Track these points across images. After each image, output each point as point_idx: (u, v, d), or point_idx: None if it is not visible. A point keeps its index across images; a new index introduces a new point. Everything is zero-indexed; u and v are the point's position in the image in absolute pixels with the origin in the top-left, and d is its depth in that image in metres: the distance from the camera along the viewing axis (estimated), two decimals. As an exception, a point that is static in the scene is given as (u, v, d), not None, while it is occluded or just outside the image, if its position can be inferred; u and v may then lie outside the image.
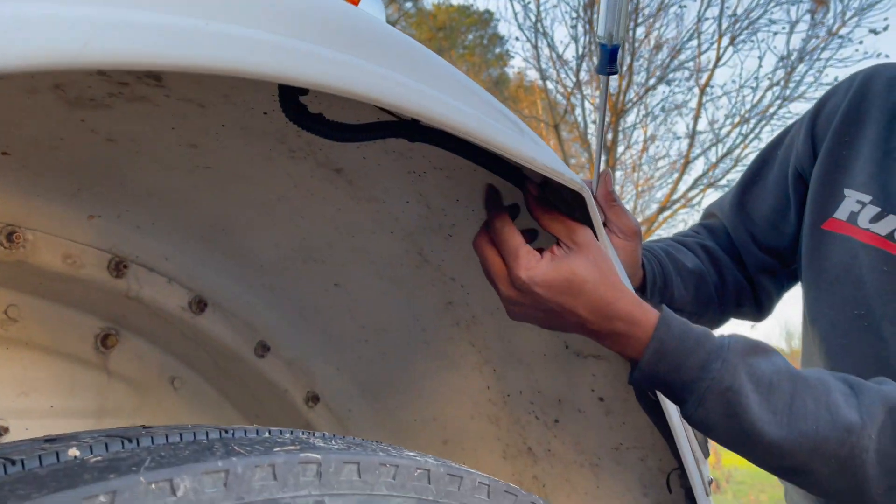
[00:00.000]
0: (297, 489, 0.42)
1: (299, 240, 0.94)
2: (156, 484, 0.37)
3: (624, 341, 0.75)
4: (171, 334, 1.00)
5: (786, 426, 0.70)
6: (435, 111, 0.53)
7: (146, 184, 0.83)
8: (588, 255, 0.73)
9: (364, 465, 0.46)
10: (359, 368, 1.13)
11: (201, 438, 0.44)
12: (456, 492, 0.51)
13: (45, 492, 0.34)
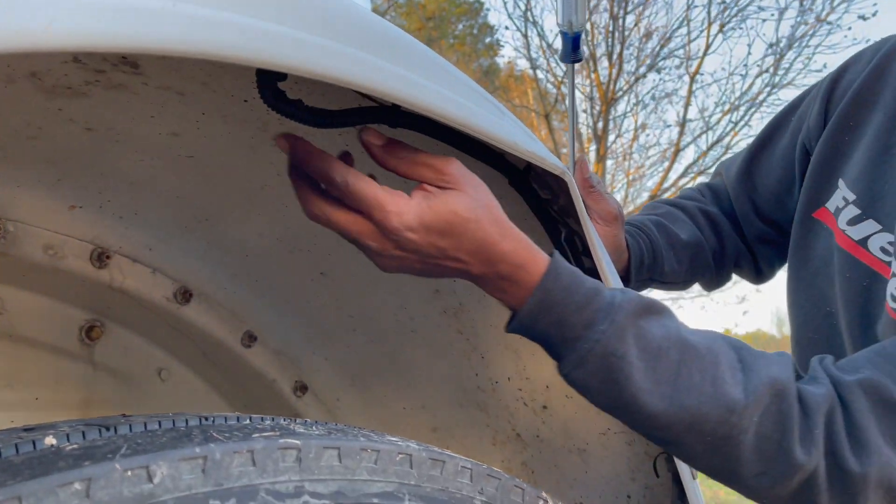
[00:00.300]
0: (276, 475, 0.42)
1: (284, 228, 0.93)
2: (132, 471, 0.37)
3: (507, 287, 0.67)
4: (156, 325, 0.99)
5: (668, 398, 0.66)
6: (414, 95, 0.52)
7: (128, 173, 0.82)
8: (467, 190, 0.64)
9: (345, 451, 0.46)
10: (347, 357, 1.13)
11: (180, 426, 0.44)
12: (438, 476, 0.51)
13: (20, 479, 0.34)
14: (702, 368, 0.66)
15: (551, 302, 0.66)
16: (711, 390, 0.66)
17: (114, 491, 0.36)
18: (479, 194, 0.65)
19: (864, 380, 0.69)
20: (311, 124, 0.61)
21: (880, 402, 0.68)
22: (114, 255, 0.87)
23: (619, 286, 0.80)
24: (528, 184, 0.74)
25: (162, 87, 0.67)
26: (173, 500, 0.38)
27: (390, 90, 0.51)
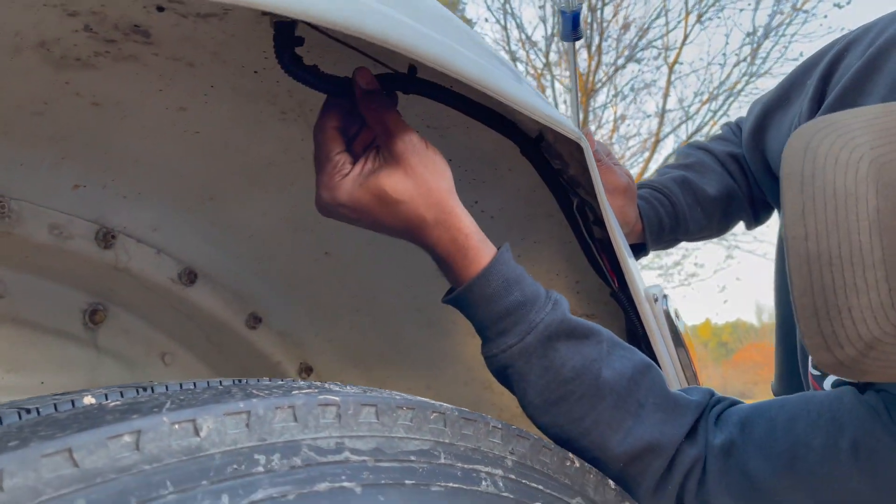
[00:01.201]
0: (317, 431, 0.42)
1: (288, 207, 0.93)
2: (179, 424, 0.36)
3: (444, 270, 0.71)
4: (160, 308, 0.98)
5: (551, 420, 0.70)
6: (440, 55, 0.52)
7: (133, 151, 0.81)
8: (406, 170, 0.65)
9: (381, 408, 0.46)
10: (350, 338, 1.12)
11: (216, 385, 0.43)
12: (471, 435, 0.51)
13: (69, 432, 0.33)
14: (592, 406, 0.69)
15: (473, 303, 0.69)
16: (592, 429, 0.69)
17: (162, 444, 0.36)
18: (423, 175, 0.66)
19: (727, 443, 0.73)
20: (326, 91, 0.61)
21: (734, 468, 0.72)
22: (119, 235, 0.86)
23: (629, 256, 0.81)
24: (540, 153, 0.74)
25: (172, 58, 0.66)
26: (220, 454, 0.37)
27: (416, 48, 0.51)
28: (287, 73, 0.59)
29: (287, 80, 0.71)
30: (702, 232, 1.18)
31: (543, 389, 0.68)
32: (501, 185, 0.85)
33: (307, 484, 0.39)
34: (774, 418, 0.73)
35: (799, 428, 0.71)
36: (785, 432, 0.71)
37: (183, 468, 0.36)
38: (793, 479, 0.70)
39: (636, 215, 1.09)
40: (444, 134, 0.78)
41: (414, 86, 0.64)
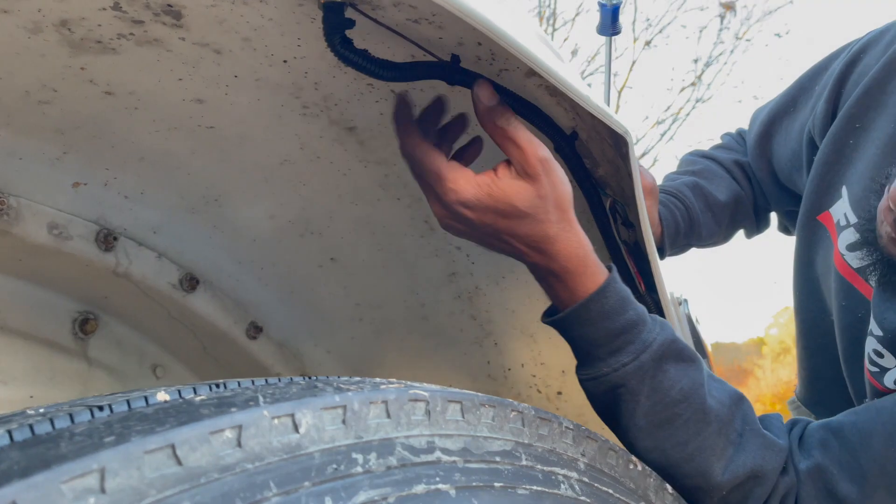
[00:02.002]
0: (409, 428, 0.38)
1: (298, 210, 0.89)
2: (278, 419, 0.33)
3: (554, 284, 0.69)
4: (155, 316, 0.92)
5: (656, 441, 0.69)
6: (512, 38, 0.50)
7: (140, 146, 0.76)
8: (538, 187, 0.64)
9: (466, 405, 0.42)
10: (351, 349, 1.08)
11: (298, 380, 0.39)
12: (547, 435, 0.48)
13: (168, 426, 0.29)
14: (698, 431, 0.69)
15: (589, 320, 0.68)
16: (696, 455, 0.69)
17: (264, 440, 0.32)
18: (552, 190, 0.65)
19: (813, 468, 0.73)
20: (375, 75, 0.58)
21: (824, 491, 0.72)
22: (120, 237, 0.81)
23: (657, 259, 0.80)
24: (574, 150, 0.73)
25: (200, 44, 0.62)
26: (319, 452, 0.34)
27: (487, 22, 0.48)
28: (337, 56, 0.56)
29: (314, 72, 0.69)
30: (712, 238, 1.18)
31: (650, 411, 0.67)
32: (525, 186, 0.82)
33: (405, 486, 0.36)
34: (849, 437, 0.72)
35: (876, 444, 0.70)
36: (864, 450, 0.71)
37: (285, 468, 0.32)
38: (883, 494, 0.70)
39: (657, 218, 1.08)
40: (471, 131, 0.76)
41: (458, 75, 0.62)
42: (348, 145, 0.79)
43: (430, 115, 0.69)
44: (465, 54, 0.63)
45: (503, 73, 0.65)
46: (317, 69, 0.67)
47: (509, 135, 0.63)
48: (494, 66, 0.65)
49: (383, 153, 0.80)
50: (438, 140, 0.70)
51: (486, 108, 0.63)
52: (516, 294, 0.97)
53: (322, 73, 0.68)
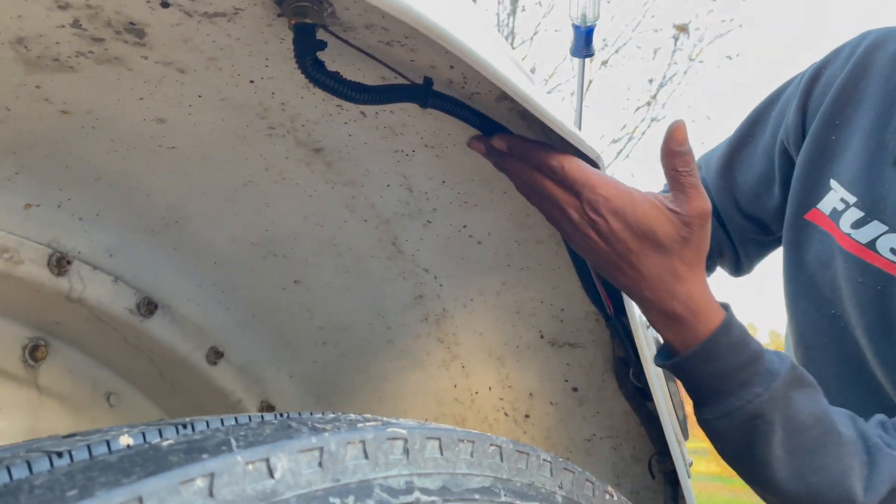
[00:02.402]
0: (388, 469, 0.37)
1: (261, 232, 0.86)
2: (252, 464, 0.31)
3: (673, 325, 0.69)
4: (110, 342, 0.89)
5: (796, 471, 0.70)
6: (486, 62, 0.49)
7: (96, 167, 0.73)
8: (686, 234, 0.66)
9: (445, 442, 0.41)
10: (314, 374, 1.06)
11: (271, 419, 0.37)
12: (525, 469, 0.47)
13: (135, 477, 0.27)
14: (837, 454, 0.70)
15: (716, 355, 0.69)
16: (839, 478, 0.69)
17: (237, 488, 0.30)
18: (698, 240, 0.67)
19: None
20: (347, 98, 0.57)
21: None
22: (73, 260, 0.77)
23: None
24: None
25: (163, 63, 0.60)
26: (295, 497, 0.32)
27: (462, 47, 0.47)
28: (308, 78, 0.54)
29: (282, 92, 0.67)
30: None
31: (786, 439, 0.68)
32: (494, 208, 0.82)
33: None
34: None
35: None
36: None
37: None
38: None
39: None
40: (442, 154, 0.75)
41: (431, 98, 0.61)
42: (315, 166, 0.78)
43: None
44: (437, 77, 0.63)
45: (475, 97, 0.65)
46: (284, 89, 0.66)
47: (686, 181, 0.66)
48: (466, 89, 0.64)
49: (351, 174, 0.79)
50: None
51: (674, 152, 0.66)
52: (484, 317, 0.96)
53: (290, 93, 0.67)
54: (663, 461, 0.93)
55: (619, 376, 0.90)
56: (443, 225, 0.85)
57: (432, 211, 0.84)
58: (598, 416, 0.99)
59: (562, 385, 0.98)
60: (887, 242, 0.91)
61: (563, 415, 1.01)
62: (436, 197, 0.82)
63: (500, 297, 0.93)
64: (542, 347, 0.96)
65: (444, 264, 0.91)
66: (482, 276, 0.91)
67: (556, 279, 0.89)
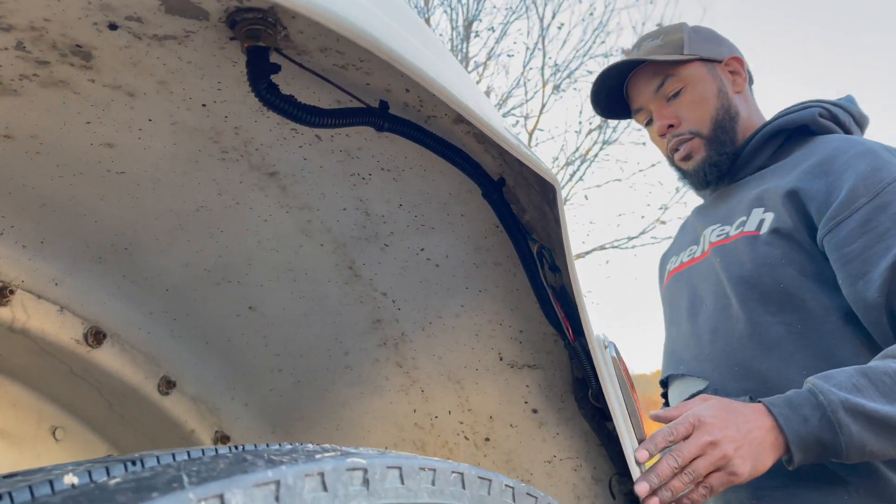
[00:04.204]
0: (347, 500, 0.36)
1: (214, 257, 0.85)
2: (206, 501, 0.30)
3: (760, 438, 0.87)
4: (55, 374, 0.86)
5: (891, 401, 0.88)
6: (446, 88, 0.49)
7: (41, 193, 0.71)
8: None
9: (406, 470, 0.40)
10: (270, 402, 1.03)
11: (225, 452, 0.36)
12: (486, 496, 0.46)
13: (80, 520, 0.26)
14: (888, 373, 0.91)
15: (805, 436, 0.87)
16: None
17: (191, 528, 0.29)
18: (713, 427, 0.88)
19: None
20: (302, 122, 0.56)
21: None
22: (16, 290, 0.74)
23: (584, 304, 0.80)
24: (502, 196, 0.72)
25: (111, 86, 0.59)
26: (251, 536, 0.31)
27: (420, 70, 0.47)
28: (262, 102, 0.53)
29: (235, 116, 0.66)
30: None
31: (862, 397, 0.89)
32: (451, 231, 0.82)
33: (344, 565, 0.33)
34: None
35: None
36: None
37: (213, 557, 0.29)
38: None
39: None
40: (399, 177, 0.75)
41: (387, 122, 0.61)
42: (269, 190, 0.76)
43: None
44: (393, 100, 0.62)
45: (431, 120, 0.65)
46: (238, 113, 0.65)
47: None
48: (423, 112, 0.64)
49: (306, 198, 0.78)
50: None
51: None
52: (443, 340, 0.95)
53: (243, 117, 0.66)
54: (623, 481, 0.94)
55: (579, 397, 0.90)
56: (400, 248, 0.85)
57: (389, 234, 0.83)
58: (559, 437, 0.99)
59: (522, 407, 0.98)
60: None
61: (523, 437, 1.01)
62: (393, 220, 0.81)
63: (459, 319, 0.93)
64: (502, 370, 0.96)
65: (402, 288, 0.90)
66: (440, 298, 0.91)
67: (514, 301, 0.89)
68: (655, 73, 1.28)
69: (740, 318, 1.11)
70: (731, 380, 1.11)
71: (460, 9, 11.00)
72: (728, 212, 1.23)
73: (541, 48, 11.41)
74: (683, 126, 1.26)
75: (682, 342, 1.24)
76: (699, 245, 1.28)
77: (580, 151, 11.74)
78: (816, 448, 0.89)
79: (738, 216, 1.19)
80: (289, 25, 0.53)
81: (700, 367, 1.18)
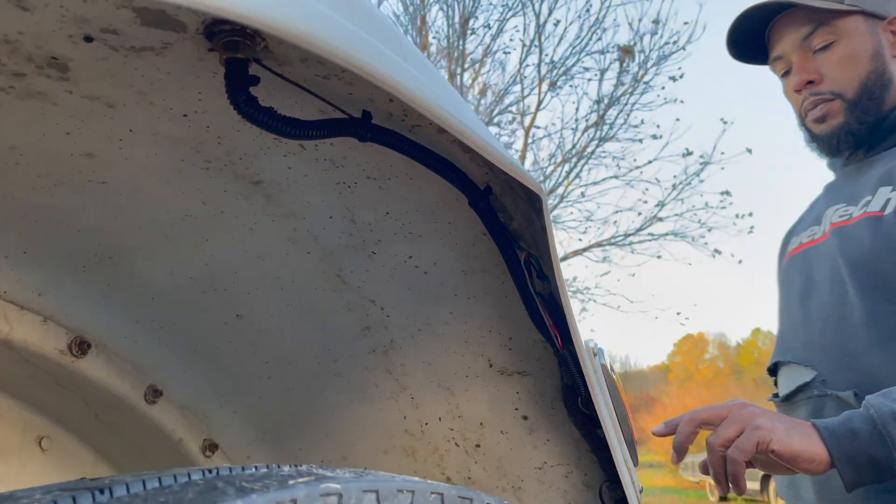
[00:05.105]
0: (322, 528, 0.35)
1: (201, 266, 0.84)
2: (172, 536, 0.29)
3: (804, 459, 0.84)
4: (40, 385, 0.85)
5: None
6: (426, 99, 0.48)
7: (22, 203, 0.70)
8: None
9: (383, 494, 0.39)
10: (259, 409, 1.03)
11: (198, 478, 0.35)
12: (468, 516, 0.46)
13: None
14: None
15: (853, 457, 0.83)
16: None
17: (155, 564, 0.28)
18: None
19: None
20: (283, 134, 0.55)
21: None
22: (-2, 301, 0.74)
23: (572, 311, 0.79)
24: (488, 204, 0.72)
25: (89, 97, 0.58)
26: (220, 569, 0.30)
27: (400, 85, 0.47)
28: (241, 115, 0.52)
29: (217, 126, 0.65)
30: None
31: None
32: (439, 238, 0.81)
33: None
34: None
35: None
36: None
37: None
38: None
39: None
40: (384, 185, 0.74)
41: (370, 132, 0.60)
42: (254, 199, 0.76)
43: None
44: (376, 110, 0.62)
45: (416, 129, 0.64)
46: (220, 123, 0.64)
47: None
48: (407, 121, 0.63)
49: (292, 207, 0.77)
50: None
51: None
52: (432, 347, 0.95)
53: (226, 126, 0.65)
54: (614, 488, 0.93)
55: (568, 404, 0.90)
56: (388, 256, 0.84)
57: (377, 242, 0.82)
58: (549, 443, 0.98)
59: (512, 413, 0.97)
60: None
61: (514, 443, 1.00)
62: (380, 228, 0.80)
63: (449, 326, 0.92)
64: (492, 376, 0.95)
65: (391, 295, 0.89)
66: (429, 305, 0.90)
67: (503, 308, 0.88)
68: (806, 20, 1.15)
69: (856, 306, 1.04)
70: (839, 371, 1.05)
71: (456, 6, 10.99)
72: (855, 190, 1.14)
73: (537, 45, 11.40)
74: (825, 84, 1.15)
75: (792, 328, 1.19)
76: (820, 226, 1.20)
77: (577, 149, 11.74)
78: (869, 466, 0.82)
79: (863, 195, 1.10)
80: (268, 37, 0.52)
81: (808, 356, 1.12)
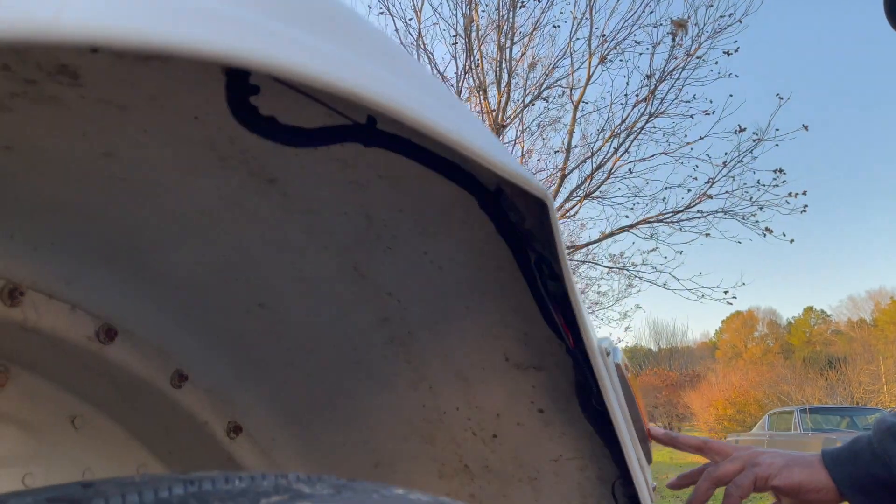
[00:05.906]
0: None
1: (223, 257, 0.86)
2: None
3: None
4: (71, 368, 0.89)
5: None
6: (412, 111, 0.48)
7: (47, 197, 0.73)
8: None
9: (361, 508, 0.40)
10: (283, 394, 1.06)
11: (164, 495, 0.37)
12: (452, 527, 0.46)
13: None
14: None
15: (856, 481, 0.81)
16: None
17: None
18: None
19: None
20: (285, 143, 0.56)
21: None
22: (27, 290, 0.77)
23: (583, 312, 0.79)
24: (499, 206, 0.72)
25: (102, 101, 0.59)
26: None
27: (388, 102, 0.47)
28: (241, 124, 0.53)
29: (228, 127, 0.66)
30: None
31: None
32: (453, 236, 0.81)
33: None
34: None
35: None
36: None
37: None
38: None
39: None
40: (396, 184, 0.74)
41: (374, 138, 0.60)
42: (271, 196, 0.77)
43: None
44: (381, 114, 0.62)
45: (416, 136, 0.64)
46: (230, 124, 0.65)
47: None
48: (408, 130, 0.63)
49: (307, 204, 0.78)
50: None
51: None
52: (449, 339, 0.95)
53: (236, 127, 0.66)
54: (626, 486, 0.93)
55: (582, 400, 0.90)
56: (403, 251, 0.85)
57: (392, 237, 0.83)
58: (565, 437, 0.99)
59: (528, 406, 0.98)
60: None
61: (529, 435, 1.01)
62: (394, 225, 0.81)
63: (465, 321, 0.92)
64: (508, 370, 0.96)
65: (408, 289, 0.90)
66: (446, 300, 0.91)
67: (518, 304, 0.88)
68: None
69: None
70: None
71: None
72: None
73: (588, 18, 11.18)
74: None
75: None
76: None
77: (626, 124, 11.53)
78: (879, 488, 0.77)
79: None
80: (268, 45, 0.52)
81: None
